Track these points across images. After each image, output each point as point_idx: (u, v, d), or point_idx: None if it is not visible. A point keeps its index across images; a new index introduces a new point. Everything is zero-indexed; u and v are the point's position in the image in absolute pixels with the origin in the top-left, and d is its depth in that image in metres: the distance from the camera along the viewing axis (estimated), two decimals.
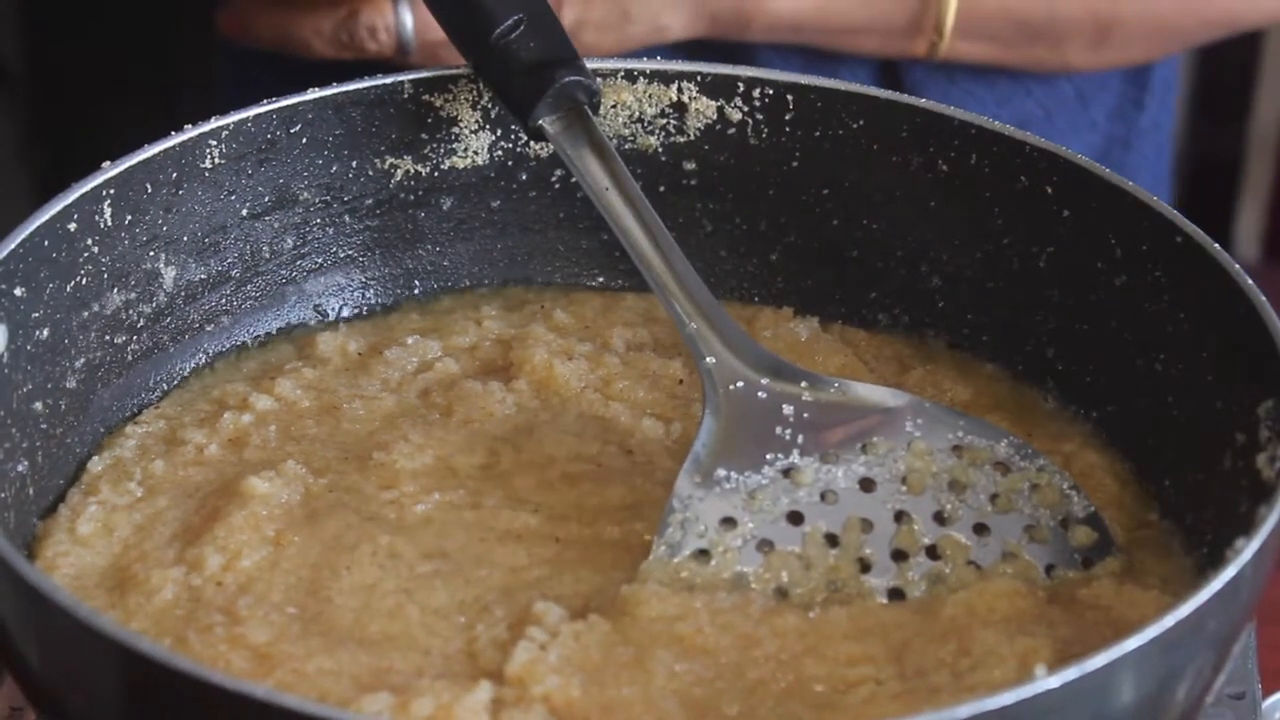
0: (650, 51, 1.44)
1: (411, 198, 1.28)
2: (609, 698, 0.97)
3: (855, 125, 1.25)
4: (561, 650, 0.99)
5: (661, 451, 1.16)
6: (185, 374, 1.22)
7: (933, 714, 0.86)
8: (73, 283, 1.12)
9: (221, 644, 1.01)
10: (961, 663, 0.98)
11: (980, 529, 1.08)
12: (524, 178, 1.29)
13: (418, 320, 1.28)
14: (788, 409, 1.09)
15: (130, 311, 1.17)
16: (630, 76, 1.26)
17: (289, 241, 1.25)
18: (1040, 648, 0.98)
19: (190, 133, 1.18)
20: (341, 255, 1.28)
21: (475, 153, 1.27)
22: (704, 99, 1.27)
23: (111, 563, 1.08)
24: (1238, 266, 1.10)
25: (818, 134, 1.26)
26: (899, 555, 1.07)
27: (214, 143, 1.19)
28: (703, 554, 1.06)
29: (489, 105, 1.26)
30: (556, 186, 1.29)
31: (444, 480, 1.13)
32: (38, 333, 1.09)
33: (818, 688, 0.98)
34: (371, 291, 1.29)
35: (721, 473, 1.08)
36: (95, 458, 1.15)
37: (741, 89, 1.26)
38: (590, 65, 1.21)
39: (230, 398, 1.20)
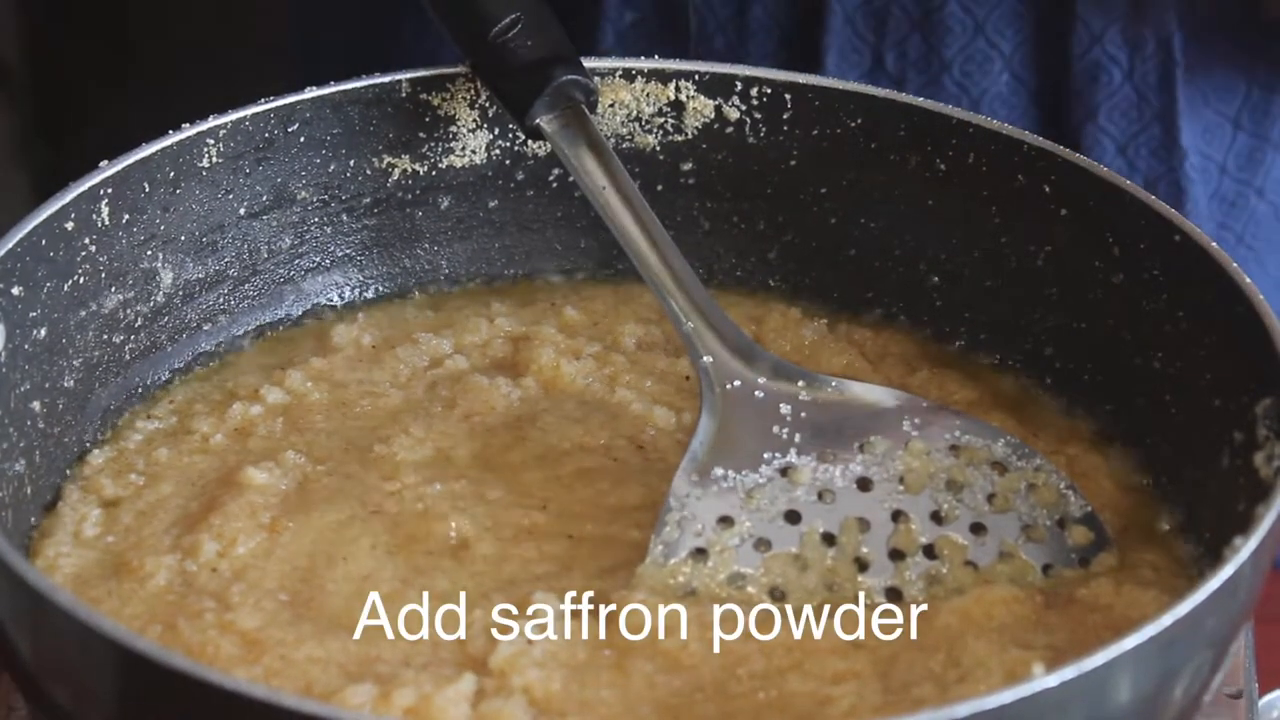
0: (649, 51, 1.44)
1: (409, 197, 1.28)
2: (588, 696, 0.98)
3: (853, 124, 1.25)
4: (547, 646, 1.00)
5: (674, 446, 1.16)
6: (190, 369, 1.22)
7: (931, 713, 0.86)
8: (70, 282, 1.12)
9: (211, 629, 1.01)
10: (949, 674, 0.98)
11: (977, 529, 1.08)
12: (521, 177, 1.29)
13: (431, 316, 1.28)
14: (785, 408, 1.09)
15: (128, 311, 1.17)
16: (628, 75, 1.26)
17: (287, 241, 1.25)
18: (1030, 659, 0.97)
19: (188, 132, 1.18)
20: (339, 254, 1.28)
21: (473, 152, 1.27)
22: (702, 98, 1.27)
23: (110, 550, 1.08)
24: (1235, 265, 1.09)
25: (815, 133, 1.26)
26: (896, 555, 1.07)
27: (211, 142, 1.19)
28: (700, 553, 1.06)
29: (486, 104, 1.26)
30: (554, 185, 1.29)
31: (444, 472, 1.13)
32: (35, 332, 1.09)
33: (799, 702, 0.98)
34: (370, 290, 1.29)
35: (719, 471, 1.08)
36: (96, 450, 1.15)
37: (739, 88, 1.26)
38: (588, 64, 1.21)
39: (242, 389, 1.20)
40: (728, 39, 1.52)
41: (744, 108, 1.27)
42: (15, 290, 1.07)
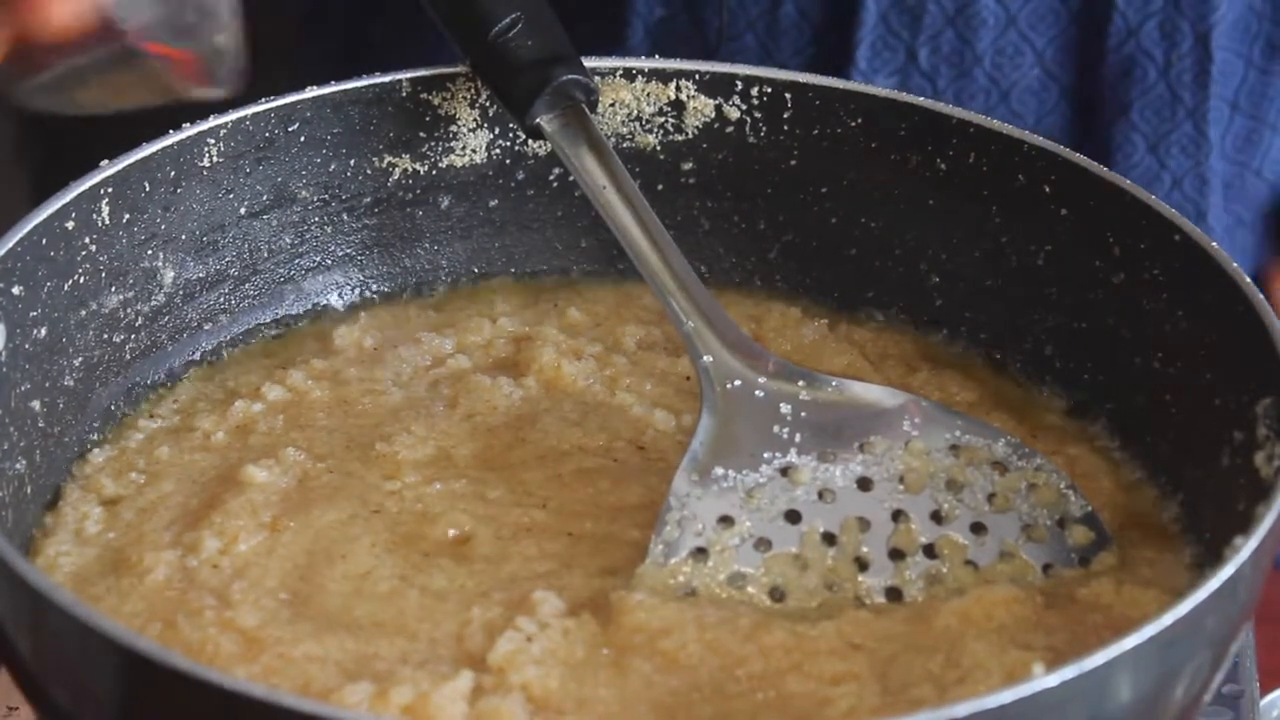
0: (649, 50, 1.44)
1: (409, 196, 1.28)
2: (585, 694, 0.98)
3: (853, 124, 1.25)
4: (547, 643, 1.00)
5: (674, 446, 1.16)
6: (191, 369, 1.22)
7: (930, 712, 0.86)
8: (71, 281, 1.12)
9: (211, 627, 1.01)
10: (948, 675, 0.98)
11: (978, 528, 1.08)
12: (522, 176, 1.29)
13: (434, 316, 1.28)
14: (785, 408, 1.09)
15: (128, 310, 1.17)
16: (629, 75, 1.26)
17: (287, 240, 1.25)
18: (1030, 660, 0.97)
19: (188, 131, 1.18)
20: (340, 254, 1.28)
21: (473, 151, 1.27)
22: (702, 97, 1.27)
23: (110, 546, 1.08)
24: (1236, 265, 1.09)
25: (816, 132, 1.26)
26: (896, 554, 1.07)
27: (212, 141, 1.19)
28: (700, 553, 1.06)
29: (487, 104, 1.26)
30: (554, 185, 1.29)
31: (444, 470, 1.13)
32: (35, 331, 1.09)
33: (797, 703, 0.98)
34: (370, 290, 1.29)
35: (719, 471, 1.08)
36: (96, 449, 1.15)
37: (740, 87, 1.26)
38: (588, 63, 1.21)
39: (243, 387, 1.20)
40: (758, 35, 1.52)
41: (744, 107, 1.27)
42: (15, 290, 1.07)
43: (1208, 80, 1.49)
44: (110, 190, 1.14)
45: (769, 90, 1.26)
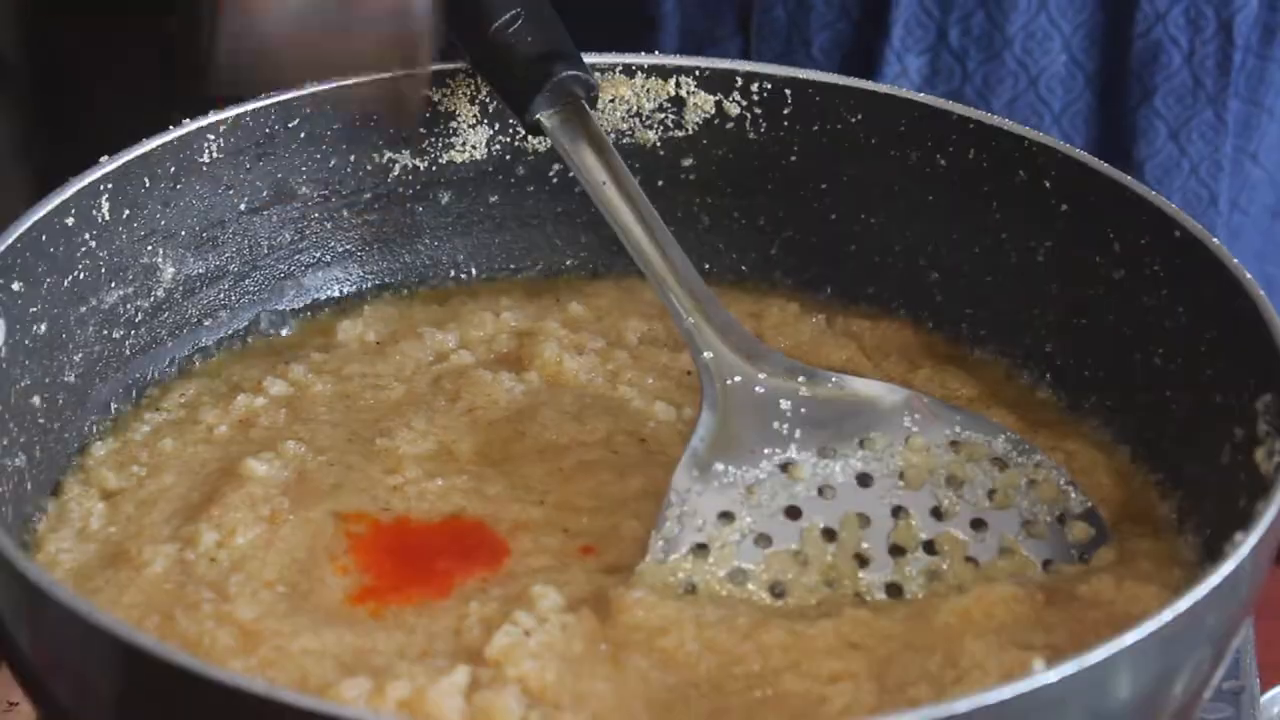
0: (649, 47, 1.44)
1: (409, 192, 1.28)
2: (582, 688, 0.98)
3: (853, 119, 1.25)
4: (544, 637, 1.00)
5: (674, 438, 1.16)
6: (191, 364, 1.22)
7: (931, 709, 0.86)
8: (70, 277, 1.12)
9: (208, 620, 1.01)
10: (946, 675, 0.98)
11: (978, 524, 1.08)
12: (522, 172, 1.29)
13: (436, 311, 1.28)
14: (785, 404, 1.09)
15: (128, 306, 1.17)
16: (628, 71, 1.26)
17: (287, 236, 1.25)
18: (1028, 659, 0.97)
19: (188, 127, 1.18)
20: (339, 250, 1.28)
21: (473, 147, 1.27)
22: (702, 93, 1.27)
23: (110, 540, 1.08)
24: (1236, 261, 1.09)
25: (816, 128, 1.26)
26: (896, 550, 1.07)
27: (212, 137, 1.19)
28: (701, 549, 1.06)
29: (487, 100, 1.26)
30: (554, 181, 1.29)
31: (446, 465, 1.13)
32: (35, 327, 1.09)
33: (794, 701, 0.98)
34: (370, 285, 1.29)
35: (719, 467, 1.08)
36: (99, 443, 1.15)
37: (740, 83, 1.26)
38: (588, 60, 1.21)
39: (246, 381, 1.20)
40: (788, 9, 1.52)
41: (744, 103, 1.27)
42: (15, 286, 1.07)
43: (1229, 67, 1.49)
44: (110, 186, 1.14)
45: (769, 86, 1.26)
